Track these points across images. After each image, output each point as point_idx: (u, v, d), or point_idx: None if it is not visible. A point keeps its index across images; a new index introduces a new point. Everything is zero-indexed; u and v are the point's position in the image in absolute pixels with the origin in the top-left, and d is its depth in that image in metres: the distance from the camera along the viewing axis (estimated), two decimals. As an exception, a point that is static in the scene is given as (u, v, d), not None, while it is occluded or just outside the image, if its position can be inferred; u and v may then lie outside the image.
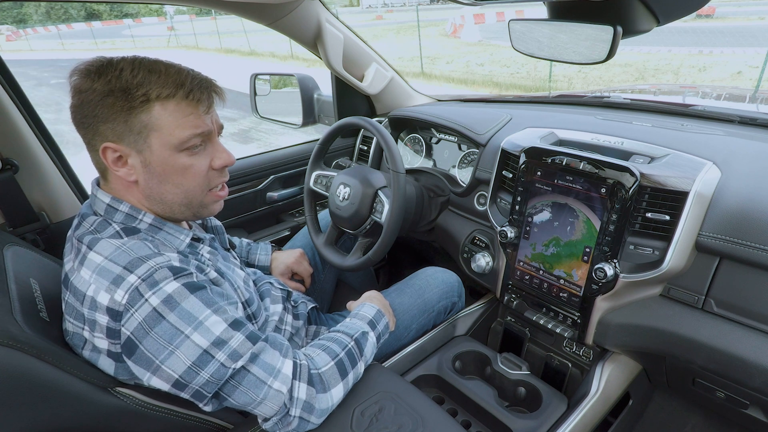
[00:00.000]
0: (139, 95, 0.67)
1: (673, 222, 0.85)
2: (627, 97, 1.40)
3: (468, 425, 1.03)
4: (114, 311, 0.64)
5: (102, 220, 0.73)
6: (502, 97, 1.72)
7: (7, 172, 1.11)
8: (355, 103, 1.74)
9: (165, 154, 0.71)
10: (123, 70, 0.67)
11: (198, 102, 0.72)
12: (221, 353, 0.66)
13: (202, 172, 0.76)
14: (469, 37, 14.04)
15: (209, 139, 0.76)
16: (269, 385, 0.69)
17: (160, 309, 0.64)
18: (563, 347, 1.22)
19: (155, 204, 0.76)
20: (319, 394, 0.74)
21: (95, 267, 0.66)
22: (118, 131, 0.69)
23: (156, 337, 0.64)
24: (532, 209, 1.06)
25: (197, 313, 0.66)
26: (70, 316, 0.69)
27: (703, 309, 0.87)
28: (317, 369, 0.77)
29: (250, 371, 0.69)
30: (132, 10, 40.15)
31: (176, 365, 0.65)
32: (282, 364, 0.72)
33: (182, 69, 0.72)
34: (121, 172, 0.72)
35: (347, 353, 0.82)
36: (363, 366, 0.86)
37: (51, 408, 0.65)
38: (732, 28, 11.20)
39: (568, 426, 0.95)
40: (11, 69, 1.12)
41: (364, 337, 0.88)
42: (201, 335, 0.65)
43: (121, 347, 0.66)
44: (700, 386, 0.96)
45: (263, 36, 17.03)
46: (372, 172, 1.26)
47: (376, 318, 0.95)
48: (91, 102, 0.67)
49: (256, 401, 0.69)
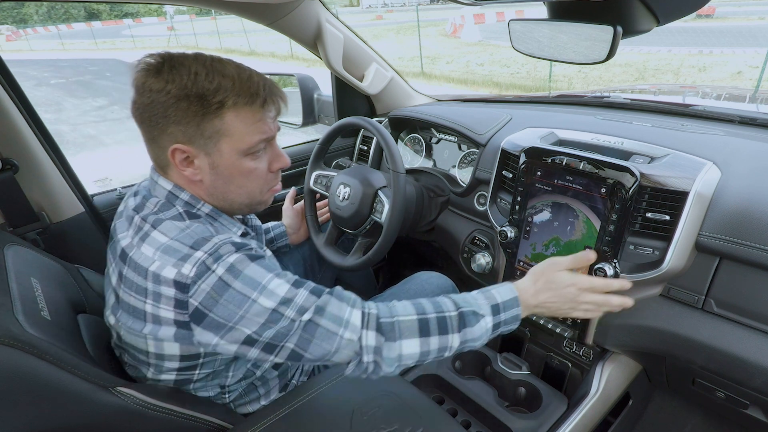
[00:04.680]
0: (215, 102, 0.69)
1: (673, 222, 0.85)
2: (627, 97, 1.40)
3: (468, 425, 1.03)
4: (182, 284, 0.66)
5: (165, 202, 0.76)
6: (502, 97, 1.73)
7: (7, 172, 1.11)
8: (355, 103, 1.74)
9: (233, 158, 0.74)
10: (198, 75, 0.68)
11: (268, 110, 0.75)
12: (289, 310, 0.69)
13: (263, 174, 0.80)
14: (469, 37, 14.05)
15: (270, 144, 0.80)
16: (340, 335, 0.72)
17: (226, 278, 0.67)
18: (563, 347, 1.22)
19: (217, 200, 0.79)
20: (388, 342, 0.74)
21: (160, 245, 0.69)
22: (189, 134, 0.71)
23: (225, 304, 0.67)
24: (532, 209, 1.06)
25: (260, 278, 0.69)
26: (129, 289, 0.71)
27: (703, 309, 0.87)
28: (392, 317, 0.76)
29: (319, 324, 0.71)
30: (132, 10, 40.14)
31: (247, 326, 0.68)
32: (350, 315, 0.73)
33: (252, 74, 0.73)
34: (188, 171, 0.74)
35: (440, 319, 0.77)
36: (459, 342, 0.78)
37: (52, 407, 0.65)
38: (732, 28, 11.20)
39: (568, 426, 0.95)
40: (11, 69, 1.12)
41: (475, 318, 0.79)
42: (267, 298, 0.68)
43: (189, 316, 0.68)
44: (700, 386, 0.96)
45: (263, 36, 17.04)
46: (372, 172, 1.26)
47: (505, 304, 0.82)
48: (163, 103, 0.68)
49: (331, 352, 0.72)
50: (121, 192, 1.39)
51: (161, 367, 0.76)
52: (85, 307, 0.92)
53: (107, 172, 4.45)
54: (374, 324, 0.74)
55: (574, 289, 0.84)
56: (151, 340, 0.71)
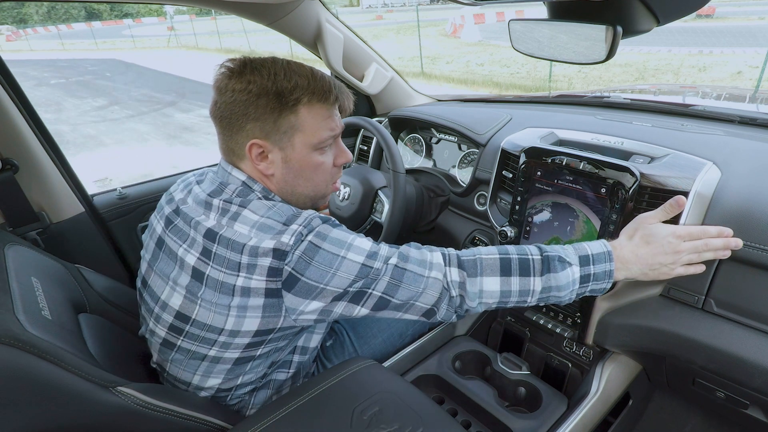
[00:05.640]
0: (291, 99, 0.75)
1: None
2: (627, 97, 1.40)
3: (468, 425, 1.03)
4: (280, 252, 0.71)
5: (243, 189, 0.80)
6: (502, 97, 1.73)
7: (7, 172, 1.11)
8: (355, 103, 1.74)
9: (304, 152, 0.80)
10: (277, 75, 0.74)
11: (336, 107, 0.81)
12: (376, 262, 0.75)
13: (329, 168, 0.85)
14: (469, 37, 14.05)
15: (335, 140, 0.86)
16: (426, 276, 0.76)
17: (315, 241, 0.73)
18: (563, 347, 1.22)
19: (285, 194, 0.84)
20: (470, 278, 0.78)
21: (254, 223, 0.74)
22: (266, 130, 0.76)
23: (317, 265, 0.72)
24: (532, 209, 1.06)
25: (344, 238, 0.75)
26: (220, 266, 0.73)
27: (703, 309, 0.87)
28: (474, 255, 0.80)
29: (406, 269, 0.76)
30: (132, 10, 40.16)
31: (338, 285, 0.73)
32: (431, 257, 0.78)
33: (324, 75, 0.80)
34: (261, 165, 0.79)
35: (522, 260, 0.78)
36: (541, 286, 0.78)
37: (52, 407, 0.65)
38: (732, 28, 11.20)
39: (568, 426, 0.95)
40: (11, 69, 1.12)
41: (561, 264, 0.78)
42: (355, 253, 0.74)
43: (282, 283, 0.72)
44: (700, 386, 0.96)
45: (263, 36, 17.03)
46: (372, 172, 1.26)
47: (596, 257, 0.79)
48: (244, 101, 0.74)
49: (418, 293, 0.76)
50: (121, 192, 1.39)
51: (230, 344, 0.78)
52: (86, 307, 0.93)
53: (107, 172, 4.46)
54: (456, 261, 0.79)
55: (673, 238, 0.78)
56: (233, 315, 0.74)
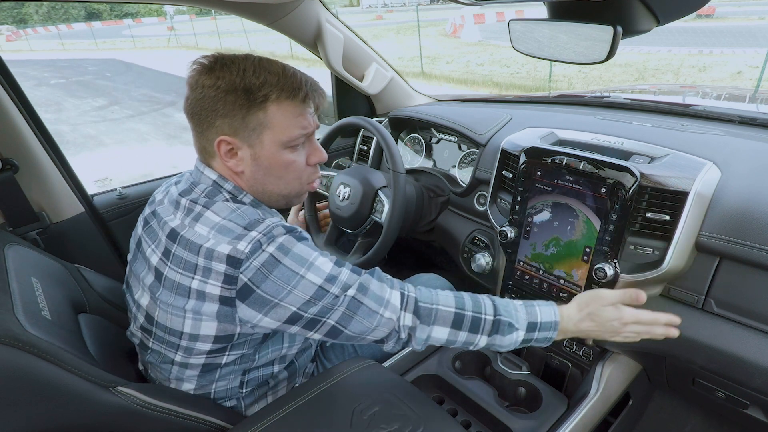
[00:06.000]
0: (260, 96, 0.73)
1: (673, 222, 0.85)
2: (627, 97, 1.40)
3: (468, 425, 1.03)
4: (234, 259, 0.69)
5: (212, 189, 0.79)
6: (502, 97, 1.73)
7: (7, 172, 1.11)
8: (355, 103, 1.74)
9: (273, 150, 0.78)
10: (246, 71, 0.73)
11: (309, 105, 0.79)
12: (334, 287, 0.73)
13: (301, 167, 0.84)
14: (469, 37, 14.04)
15: (309, 138, 0.84)
16: (381, 314, 0.76)
17: (276, 255, 0.71)
18: (563, 347, 1.21)
19: (256, 192, 0.83)
20: (422, 325, 0.79)
21: (214, 225, 0.73)
22: (234, 126, 0.75)
23: (275, 280, 0.70)
24: (532, 209, 1.06)
25: (307, 255, 0.73)
26: (177, 266, 0.73)
27: (703, 309, 0.87)
28: (432, 304, 0.80)
29: (362, 303, 0.75)
30: (132, 10, 40.15)
31: (293, 303, 0.71)
32: (390, 295, 0.78)
33: (296, 72, 0.78)
34: (231, 163, 0.78)
35: (475, 318, 0.81)
36: (485, 342, 0.82)
37: (52, 407, 0.65)
38: (732, 28, 11.19)
39: (568, 426, 0.95)
40: (11, 69, 1.12)
41: (509, 329, 0.81)
42: (314, 273, 0.72)
43: (236, 292, 0.71)
44: (700, 386, 0.96)
45: (263, 36, 17.03)
46: (372, 172, 1.26)
47: (543, 326, 0.83)
48: (213, 97, 0.73)
49: (370, 329, 0.76)
50: (121, 192, 1.39)
51: (192, 349, 0.77)
52: (86, 307, 0.93)
53: (107, 172, 4.46)
54: (413, 306, 0.79)
55: (617, 323, 0.84)
56: (189, 318, 0.73)
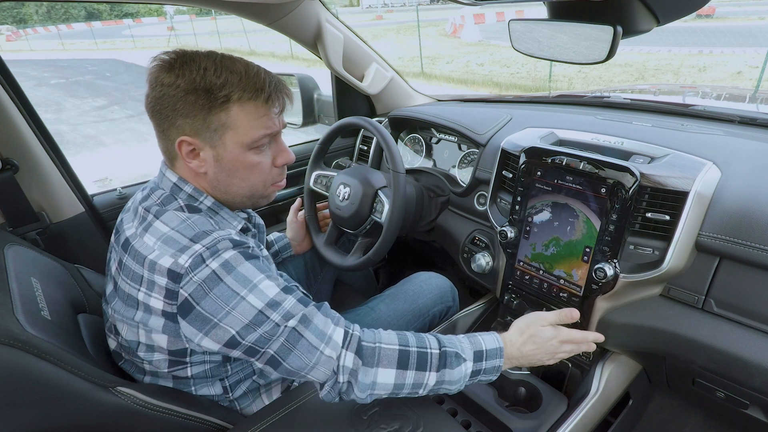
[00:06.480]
0: (221, 96, 0.71)
1: (673, 222, 0.85)
2: (627, 97, 1.40)
3: (468, 425, 1.03)
4: (175, 273, 0.67)
5: (168, 195, 0.77)
6: (502, 97, 1.73)
7: (7, 172, 1.11)
8: (355, 103, 1.74)
9: (236, 152, 0.76)
10: (207, 70, 0.70)
11: (273, 105, 0.76)
12: (275, 314, 0.70)
13: (267, 168, 0.81)
14: (469, 37, 14.04)
15: (274, 139, 0.82)
16: (321, 351, 0.72)
17: (219, 272, 0.68)
18: (563, 347, 1.22)
19: (219, 193, 0.81)
20: (365, 367, 0.74)
21: (161, 235, 0.71)
22: (195, 127, 0.73)
23: (214, 298, 0.67)
24: (532, 209, 1.06)
25: (252, 276, 0.70)
26: (126, 277, 0.72)
27: (703, 309, 0.87)
28: (374, 343, 0.76)
29: (303, 336, 0.71)
30: (132, 10, 40.15)
31: (233, 324, 0.68)
32: (333, 332, 0.74)
33: (260, 71, 0.76)
34: (193, 164, 0.76)
35: (420, 354, 0.77)
36: (434, 381, 0.78)
37: (52, 407, 0.65)
38: (732, 28, 11.19)
39: (568, 426, 0.95)
40: (11, 69, 1.12)
41: (457, 360, 0.79)
42: (256, 297, 0.69)
43: (177, 308, 0.68)
44: (700, 386, 0.96)
45: (263, 36, 17.03)
46: (372, 172, 1.26)
47: (489, 353, 0.82)
48: (173, 96, 0.70)
49: (309, 366, 0.72)
50: (121, 192, 1.39)
51: (152, 360, 0.77)
52: (86, 307, 0.93)
53: (107, 172, 4.45)
54: (355, 346, 0.75)
55: (555, 342, 0.87)
56: (141, 329, 0.73)
